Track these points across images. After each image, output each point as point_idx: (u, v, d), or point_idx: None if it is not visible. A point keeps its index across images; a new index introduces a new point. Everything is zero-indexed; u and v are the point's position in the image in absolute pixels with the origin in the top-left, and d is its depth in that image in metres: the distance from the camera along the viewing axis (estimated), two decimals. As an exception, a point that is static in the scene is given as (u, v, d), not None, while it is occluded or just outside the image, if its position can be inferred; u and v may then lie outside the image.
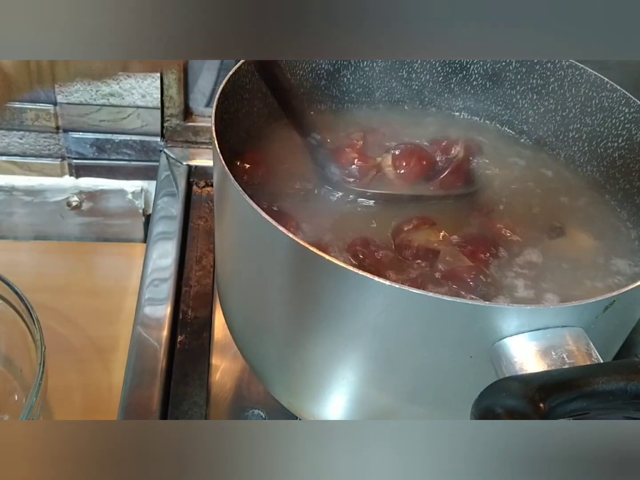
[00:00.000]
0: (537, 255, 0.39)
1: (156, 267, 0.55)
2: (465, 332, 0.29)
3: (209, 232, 0.60)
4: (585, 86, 0.44)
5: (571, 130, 0.46)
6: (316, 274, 0.30)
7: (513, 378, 0.26)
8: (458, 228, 0.39)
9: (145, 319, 0.51)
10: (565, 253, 0.39)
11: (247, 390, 0.49)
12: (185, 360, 0.49)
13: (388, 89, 0.49)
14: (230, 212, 0.35)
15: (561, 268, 0.38)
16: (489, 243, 0.38)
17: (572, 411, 0.25)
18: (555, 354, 0.27)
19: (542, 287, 0.37)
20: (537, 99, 0.47)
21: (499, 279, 0.36)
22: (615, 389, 0.25)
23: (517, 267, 0.38)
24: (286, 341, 0.36)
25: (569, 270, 0.38)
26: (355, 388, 0.34)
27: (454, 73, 0.48)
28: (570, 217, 0.43)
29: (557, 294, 0.36)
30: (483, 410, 0.25)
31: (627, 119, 0.42)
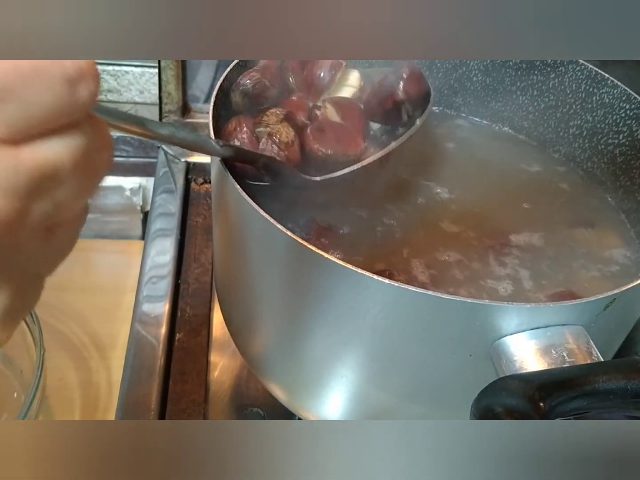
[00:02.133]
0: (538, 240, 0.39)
1: (154, 264, 0.55)
2: (465, 330, 0.28)
3: (207, 230, 0.60)
4: (586, 82, 0.44)
5: (571, 126, 0.46)
6: (315, 272, 0.30)
7: (513, 377, 0.26)
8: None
9: (144, 316, 0.51)
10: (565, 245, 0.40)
11: (245, 388, 0.48)
12: (183, 358, 0.49)
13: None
14: (228, 210, 0.35)
15: (558, 259, 0.38)
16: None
17: (573, 410, 0.25)
18: (556, 352, 0.27)
19: (537, 276, 0.37)
20: (537, 95, 0.46)
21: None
22: (615, 388, 0.25)
23: (516, 249, 0.38)
24: (285, 339, 0.36)
25: (563, 261, 0.38)
26: (354, 386, 0.34)
27: (453, 69, 0.48)
28: (572, 213, 0.42)
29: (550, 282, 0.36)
30: (483, 409, 0.25)
31: (628, 115, 0.42)
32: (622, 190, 0.43)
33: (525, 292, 0.36)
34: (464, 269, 0.37)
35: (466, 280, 0.36)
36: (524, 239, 0.40)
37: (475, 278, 0.36)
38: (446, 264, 0.37)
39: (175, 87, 0.63)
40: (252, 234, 0.33)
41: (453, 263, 0.37)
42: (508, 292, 0.36)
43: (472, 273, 0.37)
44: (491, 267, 0.37)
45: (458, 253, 0.38)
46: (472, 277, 0.36)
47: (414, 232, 0.39)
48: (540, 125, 0.47)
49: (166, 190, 0.63)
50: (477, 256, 0.38)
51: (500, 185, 0.44)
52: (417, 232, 0.39)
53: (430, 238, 0.39)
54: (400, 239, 0.38)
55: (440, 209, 0.41)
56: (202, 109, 0.66)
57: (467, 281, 0.36)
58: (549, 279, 0.37)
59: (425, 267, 0.36)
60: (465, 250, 0.38)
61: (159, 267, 0.55)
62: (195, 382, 0.48)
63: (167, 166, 0.65)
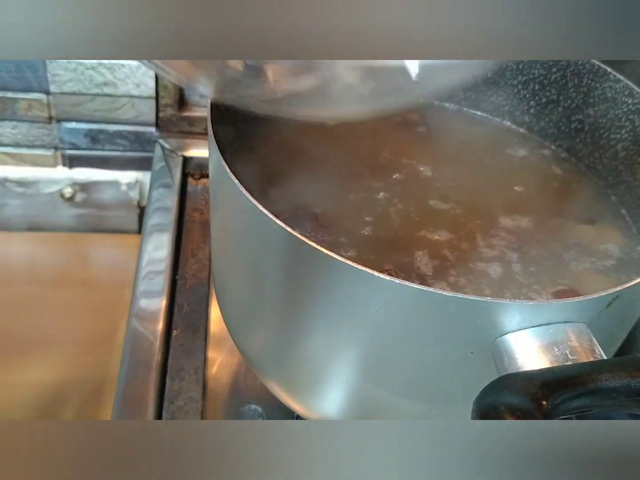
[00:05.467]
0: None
1: (151, 259, 0.55)
2: (466, 327, 0.28)
3: (205, 225, 0.60)
4: (588, 76, 0.43)
5: (573, 121, 0.45)
6: (314, 268, 0.29)
7: (515, 375, 0.26)
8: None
9: (141, 312, 0.51)
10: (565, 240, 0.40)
11: (244, 384, 0.48)
12: (181, 354, 0.49)
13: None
14: (226, 204, 0.35)
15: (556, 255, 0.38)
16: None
17: (575, 408, 0.24)
18: (558, 350, 0.27)
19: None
20: (539, 89, 0.46)
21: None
22: (618, 386, 0.25)
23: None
24: (283, 335, 0.35)
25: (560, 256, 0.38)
26: (353, 383, 0.34)
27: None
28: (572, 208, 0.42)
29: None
30: (485, 408, 0.24)
31: (631, 110, 0.42)
32: (624, 186, 0.43)
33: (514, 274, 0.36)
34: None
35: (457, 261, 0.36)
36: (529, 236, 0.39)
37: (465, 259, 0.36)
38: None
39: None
40: (250, 229, 0.33)
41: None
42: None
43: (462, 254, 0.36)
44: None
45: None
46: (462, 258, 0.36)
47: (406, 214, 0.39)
48: (541, 120, 0.47)
49: (163, 184, 0.62)
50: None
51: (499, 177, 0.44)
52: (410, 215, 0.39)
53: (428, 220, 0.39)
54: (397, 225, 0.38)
55: (437, 193, 0.41)
56: (200, 102, 0.66)
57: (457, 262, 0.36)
58: (550, 279, 0.37)
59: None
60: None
61: (156, 262, 0.55)
62: (193, 378, 0.47)
63: (164, 160, 0.65)
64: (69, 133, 0.65)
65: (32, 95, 0.62)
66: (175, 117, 0.65)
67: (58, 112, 0.63)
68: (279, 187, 0.40)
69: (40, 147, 0.66)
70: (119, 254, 0.64)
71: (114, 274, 0.61)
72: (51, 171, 0.68)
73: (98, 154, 0.67)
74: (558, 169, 0.46)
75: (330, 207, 0.39)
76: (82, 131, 0.65)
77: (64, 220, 0.71)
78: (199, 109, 0.65)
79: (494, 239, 0.39)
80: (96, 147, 0.66)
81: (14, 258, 0.63)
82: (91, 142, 0.66)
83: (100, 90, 0.62)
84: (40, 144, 0.66)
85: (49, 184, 0.69)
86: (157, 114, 0.65)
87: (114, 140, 0.66)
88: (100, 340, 0.55)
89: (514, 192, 0.43)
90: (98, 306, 0.58)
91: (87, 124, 0.65)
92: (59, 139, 0.65)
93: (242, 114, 0.42)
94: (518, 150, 0.47)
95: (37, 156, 0.67)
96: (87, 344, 0.55)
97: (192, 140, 0.66)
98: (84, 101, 0.63)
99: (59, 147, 0.66)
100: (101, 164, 0.68)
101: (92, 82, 0.62)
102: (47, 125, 0.64)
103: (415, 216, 0.39)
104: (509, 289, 0.36)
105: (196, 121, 0.66)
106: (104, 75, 0.61)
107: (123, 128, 0.65)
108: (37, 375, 0.52)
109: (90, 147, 0.66)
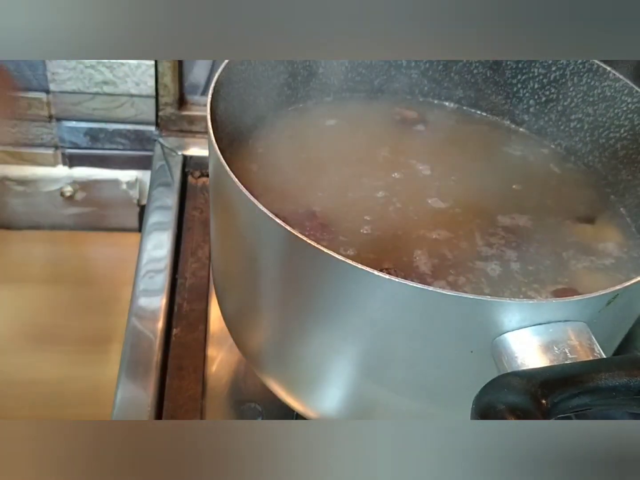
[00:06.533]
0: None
1: (151, 258, 0.55)
2: (466, 326, 0.28)
3: (205, 223, 0.60)
4: (588, 75, 0.43)
5: (572, 120, 0.45)
6: (313, 267, 0.29)
7: (515, 374, 0.26)
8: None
9: (140, 310, 0.51)
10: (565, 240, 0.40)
11: (243, 383, 0.48)
12: (180, 353, 0.49)
13: (387, 77, 0.48)
14: (226, 203, 0.35)
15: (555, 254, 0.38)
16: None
17: (575, 407, 0.25)
18: (558, 349, 0.27)
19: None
20: (538, 88, 0.46)
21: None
22: (618, 385, 0.25)
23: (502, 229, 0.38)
24: (283, 334, 0.35)
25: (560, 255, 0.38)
26: (353, 382, 0.34)
27: (454, 62, 0.48)
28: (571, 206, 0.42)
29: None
30: (484, 406, 0.24)
31: (630, 109, 0.42)
32: (623, 185, 0.43)
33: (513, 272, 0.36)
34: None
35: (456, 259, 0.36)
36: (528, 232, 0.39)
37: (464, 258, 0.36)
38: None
39: (171, 79, 0.63)
40: (250, 227, 0.33)
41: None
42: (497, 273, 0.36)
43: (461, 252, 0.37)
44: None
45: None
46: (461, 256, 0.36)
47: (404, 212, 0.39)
48: (541, 119, 0.47)
49: (163, 183, 0.62)
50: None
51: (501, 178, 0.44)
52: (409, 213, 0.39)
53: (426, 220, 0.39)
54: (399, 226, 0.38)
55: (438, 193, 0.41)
56: (199, 101, 0.66)
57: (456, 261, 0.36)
58: (549, 277, 0.37)
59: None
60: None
61: (156, 261, 0.55)
62: (193, 377, 0.47)
63: (164, 159, 0.65)
64: (69, 132, 0.65)
65: (32, 94, 0.62)
66: (175, 115, 0.65)
67: (58, 111, 0.63)
68: (279, 186, 0.40)
69: (40, 146, 0.66)
70: (119, 253, 0.64)
71: (114, 273, 0.61)
72: (51, 170, 0.68)
73: (98, 153, 0.67)
74: (557, 168, 0.46)
75: (330, 206, 0.39)
76: (82, 130, 0.65)
77: (64, 218, 0.71)
78: (198, 107, 0.65)
79: (493, 238, 0.39)
80: (96, 145, 0.66)
81: (14, 257, 0.64)
82: (91, 140, 0.66)
83: (100, 89, 0.62)
84: (40, 143, 0.66)
85: (49, 182, 0.69)
86: (157, 113, 0.65)
87: (114, 139, 0.66)
88: (100, 338, 0.55)
89: (513, 191, 0.43)
90: (98, 304, 0.58)
91: (87, 123, 0.65)
92: (58, 137, 0.65)
93: (242, 113, 0.42)
94: (517, 149, 0.47)
95: (37, 155, 0.67)
96: (87, 342, 0.55)
97: (192, 139, 0.66)
98: (83, 100, 0.63)
99: (58, 145, 0.66)
100: (101, 163, 0.68)
101: (92, 81, 0.62)
102: (47, 124, 0.64)
103: (414, 215, 0.39)
104: (508, 287, 0.36)
105: (196, 120, 0.66)
106: (103, 73, 0.61)
107: (123, 127, 0.65)
108: (37, 373, 0.52)
109: (90, 145, 0.66)
